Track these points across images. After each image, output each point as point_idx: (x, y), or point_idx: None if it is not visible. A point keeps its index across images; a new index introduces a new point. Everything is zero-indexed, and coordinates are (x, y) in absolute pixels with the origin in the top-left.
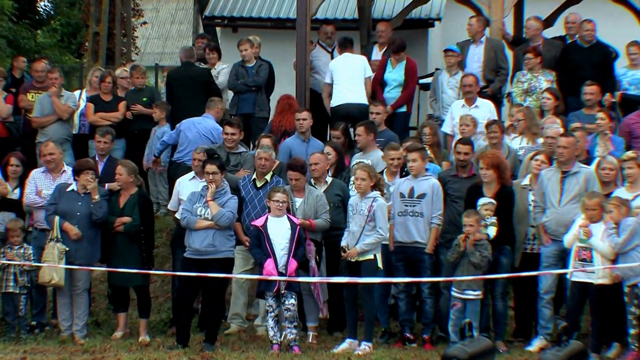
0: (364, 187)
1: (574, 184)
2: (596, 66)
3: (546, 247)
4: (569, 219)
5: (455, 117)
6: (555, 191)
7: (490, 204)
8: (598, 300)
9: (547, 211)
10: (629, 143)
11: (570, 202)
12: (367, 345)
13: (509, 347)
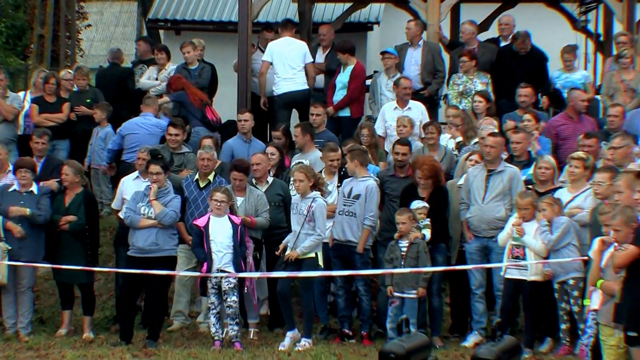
0: (302, 188)
1: (498, 182)
2: (530, 70)
3: (469, 244)
4: (492, 216)
5: (387, 119)
6: (480, 188)
7: (423, 207)
8: (531, 296)
9: (471, 208)
10: (555, 144)
11: (493, 200)
12: (307, 341)
13: (445, 342)
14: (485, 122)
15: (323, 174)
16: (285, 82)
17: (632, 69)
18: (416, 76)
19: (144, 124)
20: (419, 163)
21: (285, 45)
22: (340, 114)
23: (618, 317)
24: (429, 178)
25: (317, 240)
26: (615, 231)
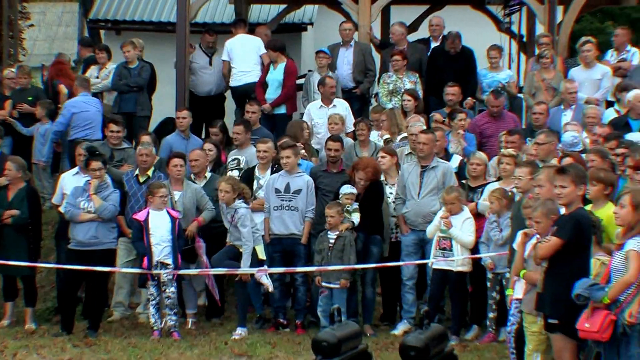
0: (227, 199)
1: (432, 178)
2: (459, 69)
3: (406, 237)
4: (427, 210)
5: (313, 117)
6: (415, 184)
7: (350, 193)
8: (457, 286)
9: (407, 203)
10: (480, 141)
11: (428, 195)
12: (242, 330)
13: (376, 330)
14: (413, 120)
15: (257, 168)
16: (243, 75)
17: (552, 68)
18: (348, 75)
19: (90, 103)
20: (363, 165)
21: (240, 41)
22: (276, 111)
23: (540, 305)
24: (368, 180)
25: (249, 250)
26: (537, 223)
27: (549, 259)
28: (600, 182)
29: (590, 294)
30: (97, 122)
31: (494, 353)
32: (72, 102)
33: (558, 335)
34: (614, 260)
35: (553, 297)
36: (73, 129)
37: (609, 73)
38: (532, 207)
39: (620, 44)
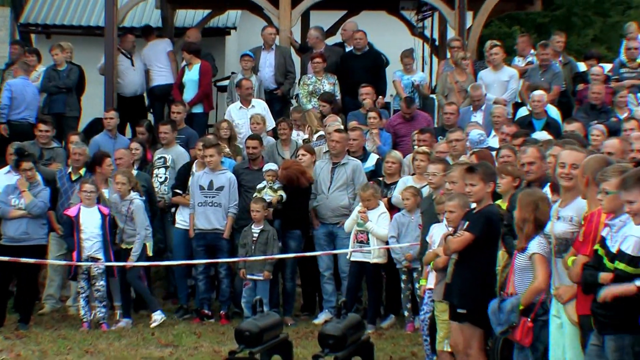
0: (123, 190)
1: (342, 174)
2: (369, 71)
3: (317, 230)
4: (337, 205)
5: (234, 118)
6: (326, 180)
7: (271, 170)
8: (374, 277)
9: (318, 197)
10: (395, 140)
11: (338, 190)
12: (126, 321)
13: (297, 320)
14: (329, 120)
15: (194, 166)
16: (156, 78)
17: (464, 71)
18: (270, 77)
19: (28, 86)
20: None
21: (152, 47)
22: (194, 110)
23: (448, 295)
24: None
25: (141, 240)
26: (450, 212)
27: (460, 252)
28: (509, 175)
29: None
30: (34, 106)
31: (408, 341)
32: (13, 82)
33: (466, 324)
34: (517, 261)
35: (462, 288)
36: (15, 111)
37: (516, 75)
38: (448, 196)
39: (522, 49)
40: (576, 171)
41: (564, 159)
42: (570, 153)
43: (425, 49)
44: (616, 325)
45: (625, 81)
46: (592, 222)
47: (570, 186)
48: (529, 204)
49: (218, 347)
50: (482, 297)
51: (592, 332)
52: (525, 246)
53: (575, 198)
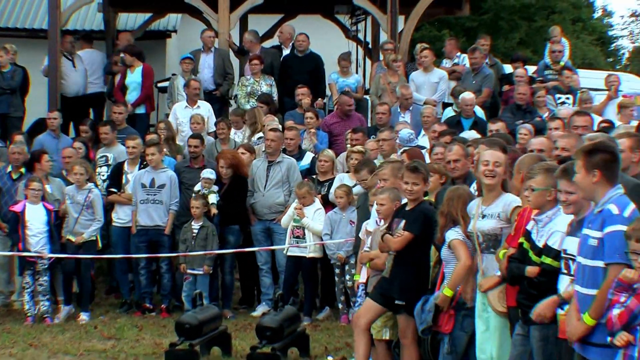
0: (81, 181)
1: (277, 172)
2: (309, 73)
3: (255, 226)
4: (273, 202)
5: (179, 117)
6: (262, 177)
7: (208, 178)
8: (309, 271)
9: (255, 195)
10: (330, 139)
11: (274, 187)
12: (85, 315)
13: (235, 313)
14: (267, 119)
15: (127, 163)
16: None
17: (396, 72)
18: (210, 78)
19: None
20: (223, 154)
21: (86, 56)
22: (137, 111)
23: (388, 289)
24: (229, 167)
25: (98, 225)
26: (381, 205)
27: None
28: (436, 172)
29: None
30: None
31: (342, 332)
32: None
33: (403, 315)
34: (442, 253)
35: (401, 283)
36: None
37: (446, 77)
38: (379, 190)
39: (450, 52)
40: (499, 169)
41: (487, 157)
42: (493, 152)
43: (359, 52)
44: None
45: (549, 83)
46: (524, 217)
47: (492, 184)
48: (448, 199)
49: (159, 340)
50: (419, 291)
51: (518, 323)
52: (443, 238)
53: (500, 195)
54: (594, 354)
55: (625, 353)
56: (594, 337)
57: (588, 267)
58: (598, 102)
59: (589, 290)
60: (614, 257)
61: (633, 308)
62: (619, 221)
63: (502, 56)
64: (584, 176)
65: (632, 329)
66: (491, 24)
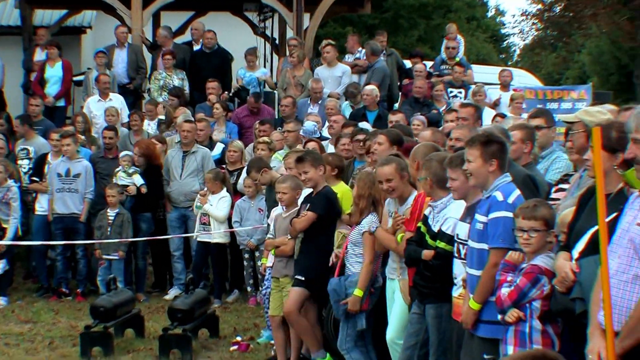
0: (1, 179)
1: (192, 161)
2: (217, 67)
3: (171, 213)
4: (188, 190)
5: (92, 110)
6: (177, 167)
7: (127, 155)
8: (218, 256)
9: (172, 183)
10: (241, 131)
11: (189, 176)
12: (3, 299)
13: (148, 296)
14: (179, 112)
15: (50, 155)
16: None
17: (302, 67)
18: (123, 72)
19: None
20: (137, 143)
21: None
22: (58, 104)
23: (296, 269)
24: (142, 155)
25: (15, 222)
26: (283, 194)
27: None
28: (329, 164)
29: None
30: None
31: (250, 313)
32: None
33: (302, 289)
34: (352, 234)
35: (304, 260)
36: None
37: (349, 71)
38: (281, 179)
39: (352, 47)
40: (393, 182)
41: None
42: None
43: (267, 48)
44: (435, 295)
45: (446, 77)
46: (418, 202)
47: (395, 196)
48: (367, 182)
49: (75, 322)
50: (323, 270)
51: (415, 302)
52: (360, 221)
53: (412, 193)
54: (484, 331)
55: (516, 329)
56: (483, 314)
57: (476, 250)
58: (492, 95)
59: (477, 271)
60: (497, 241)
61: (522, 286)
62: (503, 207)
63: (402, 52)
64: (481, 165)
65: (521, 306)
66: (392, 21)
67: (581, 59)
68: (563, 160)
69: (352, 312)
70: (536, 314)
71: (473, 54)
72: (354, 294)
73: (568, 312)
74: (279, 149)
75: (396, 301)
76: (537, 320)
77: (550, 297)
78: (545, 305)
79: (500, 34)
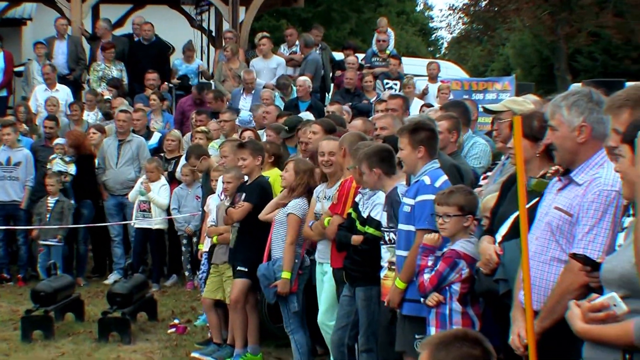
0: None
1: (128, 150)
2: (155, 59)
3: (108, 201)
4: (124, 178)
5: (39, 99)
6: (113, 155)
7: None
8: (157, 241)
9: (107, 172)
10: (183, 120)
11: (125, 164)
12: None
13: (88, 281)
14: (116, 102)
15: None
16: None
17: (236, 59)
18: (64, 63)
19: None
20: (67, 134)
21: None
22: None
23: (232, 257)
24: (72, 146)
25: None
26: (228, 183)
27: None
28: (267, 152)
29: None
30: None
31: (188, 297)
32: None
33: (246, 279)
34: (277, 216)
35: (244, 251)
36: None
37: (283, 63)
38: (225, 169)
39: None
40: (334, 158)
41: (323, 148)
42: (328, 143)
43: (204, 40)
44: (365, 279)
45: (376, 69)
46: (345, 187)
47: (330, 172)
48: (305, 171)
49: (16, 307)
50: (259, 258)
51: (345, 285)
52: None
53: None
54: (408, 309)
55: (437, 311)
56: (408, 293)
57: (404, 232)
58: (421, 86)
59: (404, 252)
60: (423, 223)
61: (442, 271)
62: (430, 191)
63: (335, 45)
64: (410, 152)
65: (442, 289)
66: (324, 15)
67: (505, 52)
68: (480, 146)
69: (282, 294)
70: (455, 297)
71: (403, 47)
72: (282, 276)
73: (492, 293)
74: (216, 138)
75: (325, 284)
76: (457, 303)
77: (470, 280)
78: (464, 288)
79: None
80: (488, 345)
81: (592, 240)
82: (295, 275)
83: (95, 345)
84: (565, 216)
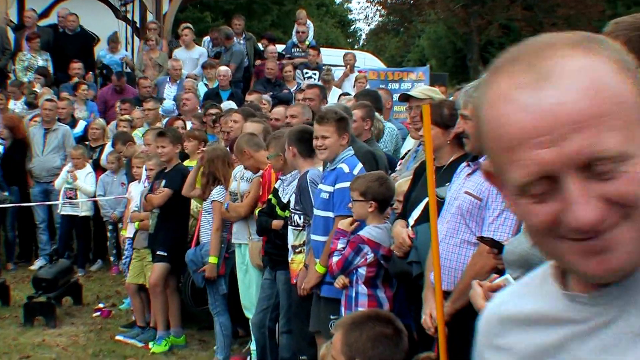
0: None
1: (54, 138)
2: (80, 49)
3: (34, 188)
4: (50, 166)
5: None
6: (39, 144)
7: None
8: (83, 228)
9: (34, 160)
10: (105, 109)
11: (51, 152)
12: None
13: (16, 267)
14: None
15: None
16: None
17: (158, 49)
18: None
19: None
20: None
21: None
22: None
23: (151, 242)
24: (6, 128)
25: None
26: (150, 170)
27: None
28: (195, 138)
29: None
30: None
31: (112, 281)
32: None
33: (165, 264)
34: (204, 204)
35: (164, 235)
36: None
37: (205, 53)
38: (147, 157)
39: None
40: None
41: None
42: (252, 124)
43: (128, 31)
44: (285, 262)
45: (296, 59)
46: (266, 175)
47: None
48: (208, 160)
49: None
50: (181, 244)
51: (266, 269)
52: (207, 196)
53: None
54: (327, 291)
55: (346, 293)
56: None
57: (321, 218)
58: (338, 77)
59: (322, 237)
60: (342, 209)
61: (347, 255)
62: (348, 178)
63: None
64: (336, 140)
65: (349, 273)
66: (246, 7)
67: (421, 44)
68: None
69: (210, 278)
70: (361, 280)
71: (322, 38)
72: (209, 261)
73: (405, 274)
74: (140, 126)
75: (246, 267)
76: (363, 286)
77: (376, 264)
78: (370, 272)
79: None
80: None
81: (501, 223)
82: (222, 260)
83: (20, 329)
84: (475, 200)
